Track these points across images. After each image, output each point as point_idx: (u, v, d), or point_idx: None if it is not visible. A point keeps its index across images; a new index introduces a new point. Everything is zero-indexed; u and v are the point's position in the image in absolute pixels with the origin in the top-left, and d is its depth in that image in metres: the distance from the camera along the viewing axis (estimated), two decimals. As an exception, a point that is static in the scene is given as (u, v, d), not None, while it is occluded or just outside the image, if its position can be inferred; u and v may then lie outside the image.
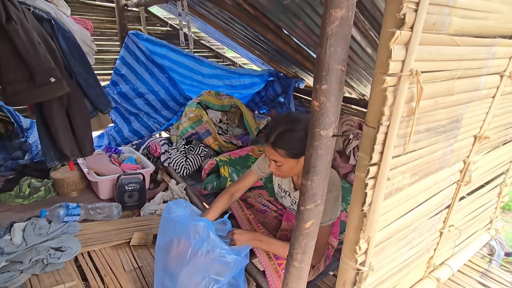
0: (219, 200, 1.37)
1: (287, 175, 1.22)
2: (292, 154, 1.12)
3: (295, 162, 1.15)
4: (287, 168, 1.16)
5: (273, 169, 1.18)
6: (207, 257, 1.00)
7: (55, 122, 1.35)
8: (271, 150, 1.14)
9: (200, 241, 1.03)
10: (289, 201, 1.39)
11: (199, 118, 2.44)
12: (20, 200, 1.70)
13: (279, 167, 1.16)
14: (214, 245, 1.02)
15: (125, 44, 2.51)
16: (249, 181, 1.42)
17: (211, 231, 1.06)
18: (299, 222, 0.86)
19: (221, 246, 1.03)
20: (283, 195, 1.41)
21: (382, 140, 0.70)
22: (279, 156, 1.13)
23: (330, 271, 1.44)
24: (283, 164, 1.15)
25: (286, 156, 1.12)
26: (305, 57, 2.30)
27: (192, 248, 1.02)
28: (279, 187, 1.41)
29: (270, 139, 1.13)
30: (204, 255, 1.01)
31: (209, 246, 1.02)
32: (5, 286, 1.14)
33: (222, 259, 1.01)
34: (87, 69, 1.50)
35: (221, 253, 1.01)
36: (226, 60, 3.66)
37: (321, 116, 0.74)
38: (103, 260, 1.36)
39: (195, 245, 1.03)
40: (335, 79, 0.71)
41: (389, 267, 1.00)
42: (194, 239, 1.03)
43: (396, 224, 0.91)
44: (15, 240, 1.29)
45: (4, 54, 1.17)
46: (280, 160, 1.14)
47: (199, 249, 1.02)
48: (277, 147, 1.12)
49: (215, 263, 1.01)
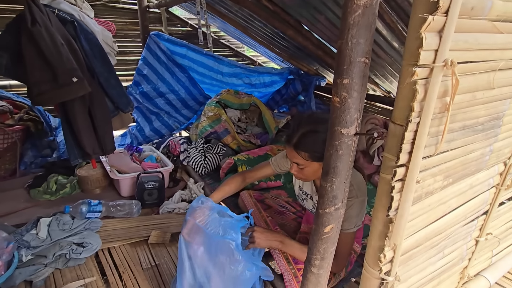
0: (230, 181, 1.35)
1: (310, 179, 1.16)
2: (316, 157, 1.06)
3: (319, 165, 1.08)
4: (310, 172, 1.10)
5: (294, 172, 1.12)
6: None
7: (78, 121, 1.38)
8: (293, 153, 1.08)
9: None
10: (310, 204, 1.34)
11: (218, 117, 2.43)
12: (47, 196, 1.78)
13: (301, 170, 1.10)
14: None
15: (147, 45, 2.56)
16: (263, 172, 1.38)
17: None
18: (318, 226, 0.81)
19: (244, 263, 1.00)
20: (304, 198, 1.36)
21: (411, 139, 0.63)
22: (302, 159, 1.07)
23: (352, 278, 1.36)
24: (306, 167, 1.09)
25: (309, 159, 1.06)
26: (326, 53, 2.22)
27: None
28: (300, 190, 1.36)
29: (292, 140, 1.07)
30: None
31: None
32: (30, 278, 1.19)
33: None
34: (108, 69, 1.53)
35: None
36: (246, 59, 3.64)
37: (342, 113, 0.68)
38: (122, 257, 1.38)
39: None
40: (358, 72, 0.65)
41: (417, 277, 0.92)
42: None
43: (426, 231, 0.83)
44: (40, 235, 1.34)
45: (30, 57, 1.21)
46: (303, 163, 1.08)
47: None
48: (299, 149, 1.06)
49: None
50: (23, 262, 1.23)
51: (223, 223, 1.06)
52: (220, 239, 1.02)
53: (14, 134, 1.91)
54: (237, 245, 1.01)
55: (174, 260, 1.40)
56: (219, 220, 1.07)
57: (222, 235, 1.03)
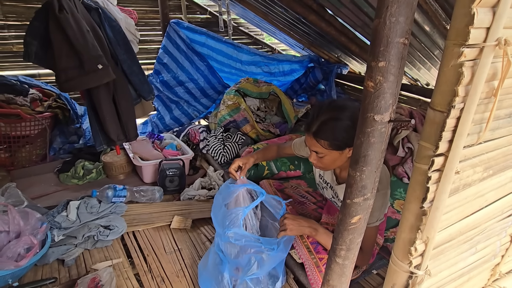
0: (269, 147, 1.47)
1: (329, 168, 1.13)
2: (336, 146, 1.03)
3: (339, 154, 1.05)
4: (330, 160, 1.07)
5: (314, 161, 1.10)
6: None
7: (103, 107, 1.42)
8: (312, 141, 1.05)
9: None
10: (330, 194, 1.31)
11: (237, 106, 2.42)
12: (75, 181, 1.85)
13: (320, 158, 1.08)
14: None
15: (166, 33, 2.56)
16: (286, 150, 1.44)
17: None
18: (345, 216, 0.79)
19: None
20: (324, 187, 1.33)
21: (452, 126, 0.59)
22: (321, 147, 1.04)
23: (374, 270, 1.34)
24: (325, 155, 1.06)
25: (329, 147, 1.03)
26: (350, 39, 2.13)
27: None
28: (321, 178, 1.33)
29: (312, 128, 1.04)
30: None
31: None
32: (62, 257, 1.25)
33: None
34: (131, 56, 1.55)
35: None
36: (265, 47, 3.57)
37: (376, 99, 0.64)
38: (146, 240, 1.42)
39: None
40: (396, 54, 0.61)
41: (447, 272, 0.89)
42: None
43: (460, 225, 0.79)
44: (70, 217, 1.41)
45: (58, 43, 1.24)
46: (322, 151, 1.05)
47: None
48: (319, 137, 1.03)
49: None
50: (55, 242, 1.30)
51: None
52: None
53: (44, 121, 1.99)
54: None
55: (196, 246, 1.42)
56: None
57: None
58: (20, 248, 1.08)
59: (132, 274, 1.24)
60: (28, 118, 1.91)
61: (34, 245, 1.10)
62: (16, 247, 1.07)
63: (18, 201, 1.39)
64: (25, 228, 1.14)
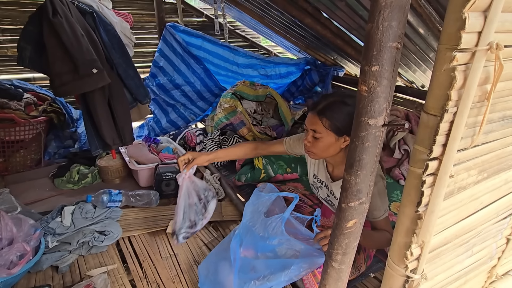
0: (242, 145, 1.36)
1: (320, 155, 1.12)
2: (336, 128, 1.04)
3: (335, 140, 1.07)
4: (324, 145, 1.08)
5: (308, 143, 1.10)
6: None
7: (98, 112, 1.41)
8: (314, 118, 1.07)
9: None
10: (325, 192, 1.30)
11: (234, 109, 2.42)
12: (70, 185, 1.84)
13: (315, 140, 1.08)
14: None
15: (163, 37, 2.56)
16: (275, 148, 1.37)
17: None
18: (340, 220, 0.79)
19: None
20: (319, 186, 1.32)
21: (446, 130, 0.59)
22: (321, 125, 1.05)
23: (371, 273, 1.33)
24: (322, 137, 1.06)
25: (329, 128, 1.04)
26: (346, 42, 2.14)
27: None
28: (315, 177, 1.32)
29: (318, 107, 1.07)
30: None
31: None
32: (56, 264, 1.23)
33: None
34: (126, 60, 1.54)
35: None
36: (261, 49, 3.58)
37: (370, 103, 0.64)
38: (142, 245, 1.41)
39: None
40: (389, 59, 0.61)
41: (444, 276, 0.89)
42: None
43: (455, 228, 0.79)
44: (65, 222, 1.39)
45: (53, 48, 1.23)
46: (321, 131, 1.06)
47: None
48: (322, 115, 1.05)
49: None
50: (49, 248, 1.28)
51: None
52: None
53: (39, 125, 1.98)
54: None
55: (192, 250, 1.41)
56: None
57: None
58: (12, 256, 1.06)
59: (127, 280, 1.23)
60: (23, 123, 1.89)
61: (27, 252, 1.09)
62: (9, 254, 1.05)
63: (11, 207, 1.37)
64: (18, 235, 1.12)
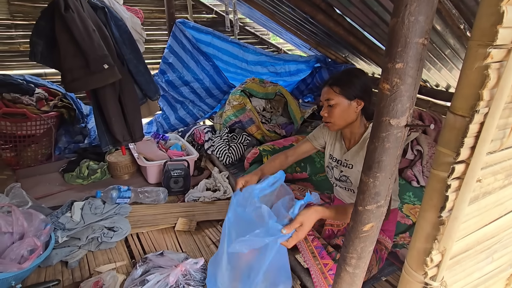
0: (273, 158, 1.42)
1: (337, 123, 1.20)
2: (346, 93, 1.15)
3: (347, 104, 1.16)
4: (338, 111, 1.17)
5: (325, 114, 1.21)
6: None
7: (109, 108, 1.40)
8: (326, 89, 1.19)
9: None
10: (337, 173, 1.32)
11: (243, 106, 2.39)
12: (80, 181, 1.85)
13: (330, 109, 1.18)
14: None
15: (172, 33, 2.55)
16: (302, 149, 1.44)
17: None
18: (356, 223, 0.76)
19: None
20: (334, 166, 1.34)
21: (475, 132, 0.55)
22: (333, 92, 1.16)
23: (383, 277, 1.30)
24: (335, 104, 1.16)
25: (340, 93, 1.16)
26: (359, 39, 2.09)
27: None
28: (330, 158, 1.36)
29: (330, 81, 1.20)
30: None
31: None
32: (66, 259, 1.24)
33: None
34: (137, 56, 1.53)
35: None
36: (271, 46, 3.54)
37: (392, 102, 0.61)
38: (150, 242, 1.41)
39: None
40: (414, 56, 0.58)
41: (462, 283, 0.85)
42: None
43: (478, 234, 0.75)
44: (74, 218, 1.40)
45: (64, 43, 1.23)
46: (333, 97, 1.16)
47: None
48: (333, 85, 1.18)
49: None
50: (59, 243, 1.28)
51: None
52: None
53: (50, 120, 1.99)
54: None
55: (200, 248, 1.40)
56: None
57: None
58: (23, 250, 1.06)
59: (136, 277, 1.22)
60: (34, 118, 1.91)
61: (37, 247, 1.09)
62: (20, 249, 1.06)
63: (22, 201, 1.38)
64: (29, 230, 1.12)
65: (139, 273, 1.12)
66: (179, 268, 1.10)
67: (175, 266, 1.11)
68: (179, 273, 1.09)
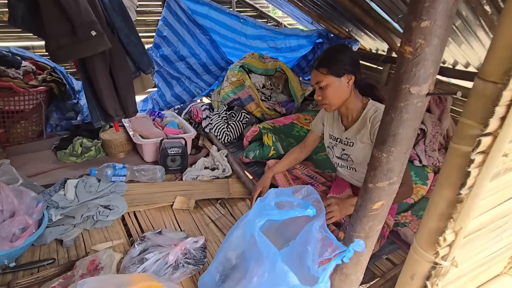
0: (289, 153, 1.53)
1: (333, 102, 1.19)
2: (334, 71, 1.14)
3: (338, 82, 1.16)
4: (331, 91, 1.16)
5: (318, 97, 1.20)
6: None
7: (99, 80, 1.31)
8: (315, 72, 1.18)
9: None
10: (338, 151, 1.32)
11: (242, 83, 2.30)
12: (73, 158, 1.78)
13: (323, 92, 1.17)
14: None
15: (166, 4, 2.38)
16: (310, 139, 1.48)
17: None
18: (365, 201, 0.71)
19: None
20: (334, 144, 1.34)
21: (508, 100, 0.49)
22: (320, 74, 1.15)
23: (384, 255, 1.29)
24: (326, 85, 1.15)
25: (328, 73, 1.14)
26: (365, 10, 1.97)
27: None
28: (330, 137, 1.35)
29: (315, 63, 1.18)
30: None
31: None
32: (61, 238, 1.20)
33: None
34: (128, 24, 1.42)
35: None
36: (271, 20, 3.37)
37: (414, 67, 0.55)
38: (148, 221, 1.37)
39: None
40: (444, 12, 0.50)
41: (471, 262, 0.83)
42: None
43: (493, 212, 0.71)
44: (68, 196, 1.35)
45: (48, 7, 1.12)
46: (322, 78, 1.15)
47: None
48: (319, 67, 1.16)
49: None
50: (53, 221, 1.24)
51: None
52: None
53: (39, 95, 1.90)
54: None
55: (199, 226, 1.38)
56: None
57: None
58: (14, 228, 1.02)
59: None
60: (22, 92, 1.81)
61: (29, 225, 1.05)
62: (10, 227, 1.01)
63: (12, 178, 1.32)
64: (20, 208, 1.07)
65: (138, 252, 1.09)
66: (179, 247, 1.07)
67: (175, 245, 1.07)
68: (179, 252, 1.06)
